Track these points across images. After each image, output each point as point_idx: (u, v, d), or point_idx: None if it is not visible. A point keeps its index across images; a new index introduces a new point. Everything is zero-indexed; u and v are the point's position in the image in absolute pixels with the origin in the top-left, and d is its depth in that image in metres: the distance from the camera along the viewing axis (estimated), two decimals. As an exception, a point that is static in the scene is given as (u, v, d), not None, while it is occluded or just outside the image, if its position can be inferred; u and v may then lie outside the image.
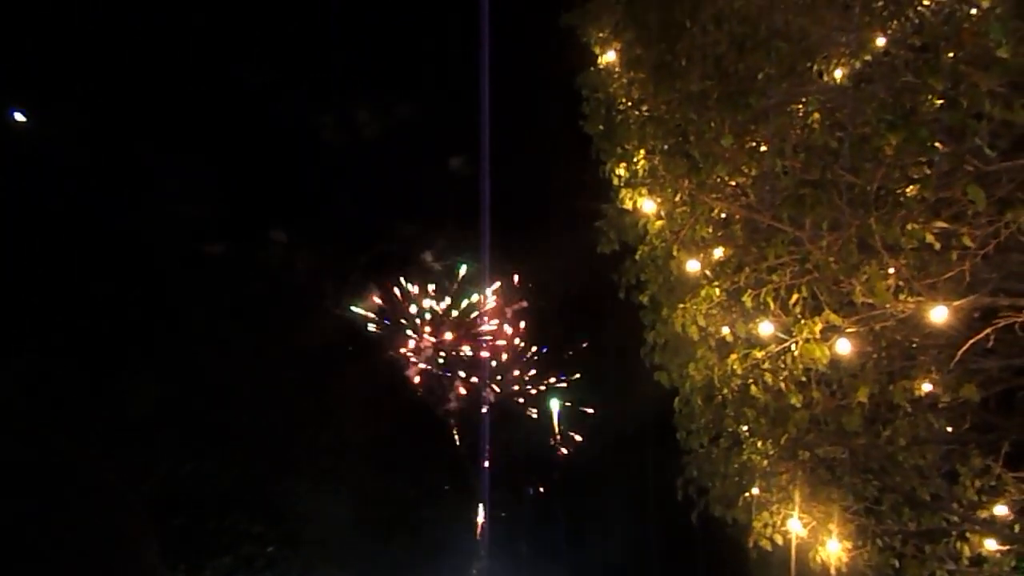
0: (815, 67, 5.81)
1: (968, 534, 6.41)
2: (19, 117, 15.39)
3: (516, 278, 22.99)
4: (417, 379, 21.98)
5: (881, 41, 5.34)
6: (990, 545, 6.31)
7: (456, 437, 20.26)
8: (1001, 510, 6.42)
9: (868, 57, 5.52)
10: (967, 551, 6.38)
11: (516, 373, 22.93)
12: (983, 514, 6.46)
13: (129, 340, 13.97)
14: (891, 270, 4.79)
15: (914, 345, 5.99)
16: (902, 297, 4.96)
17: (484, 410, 21.03)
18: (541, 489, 21.42)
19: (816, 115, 5.48)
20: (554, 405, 22.50)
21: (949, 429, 6.61)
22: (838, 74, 5.87)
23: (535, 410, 22.70)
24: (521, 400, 22.71)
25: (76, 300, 13.79)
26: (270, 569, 13.88)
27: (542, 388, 22.74)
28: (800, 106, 5.63)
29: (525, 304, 22.91)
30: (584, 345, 22.24)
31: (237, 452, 13.97)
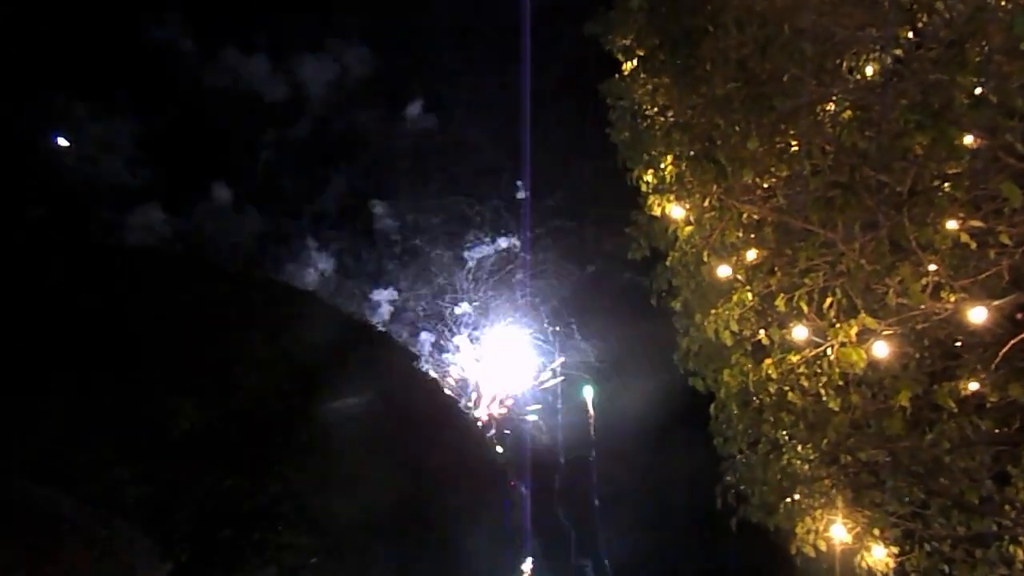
0: (845, 65, 5.72)
1: (1021, 538, 6.22)
2: (62, 142, 15.89)
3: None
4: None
5: (912, 35, 5.24)
6: (1044, 548, 6.10)
7: (496, 448, 20.29)
8: (1055, 512, 6.21)
9: (899, 52, 5.42)
10: (1020, 555, 6.18)
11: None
12: (1036, 517, 6.26)
13: (167, 362, 14.32)
14: (932, 267, 4.68)
15: (958, 344, 5.84)
16: (943, 295, 4.85)
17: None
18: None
19: (847, 113, 5.40)
20: (587, 392, 22.30)
21: (998, 430, 6.42)
22: (869, 71, 5.77)
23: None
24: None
25: (114, 324, 14.19)
26: (314, 579, 14.07)
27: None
28: (831, 105, 5.55)
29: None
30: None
31: (278, 467, 14.21)
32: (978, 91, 3.57)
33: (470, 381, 22.66)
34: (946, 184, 4.26)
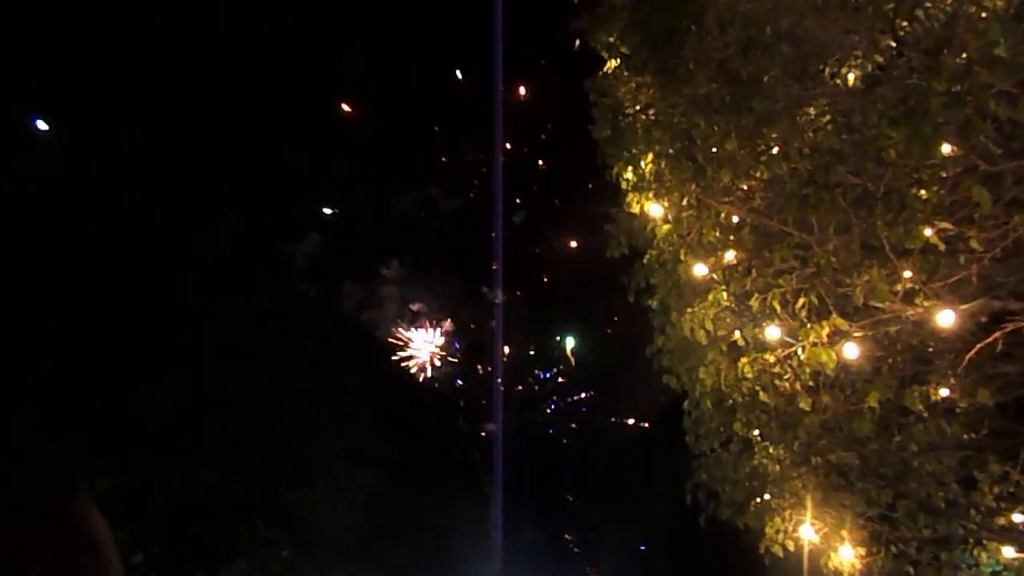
0: (827, 70, 5.79)
1: (985, 541, 6.33)
2: (41, 125, 15.53)
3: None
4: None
5: (893, 44, 5.31)
6: (1008, 552, 6.21)
7: (470, 443, 20.28)
8: (1019, 517, 6.32)
9: (880, 59, 5.49)
10: (984, 558, 6.30)
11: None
12: (1001, 521, 6.36)
13: (141, 352, 14.13)
14: (907, 274, 4.75)
15: (930, 349, 5.93)
16: (918, 301, 4.92)
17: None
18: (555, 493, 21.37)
19: (826, 118, 5.45)
20: (569, 342, 22.67)
21: (966, 435, 6.52)
22: (851, 77, 5.84)
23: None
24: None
25: (89, 314, 13.97)
26: (286, 573, 13.97)
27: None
28: (811, 109, 5.61)
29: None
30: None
31: (251, 460, 14.09)
32: (954, 90, 3.63)
33: (403, 338, 22.24)
34: (921, 189, 4.32)
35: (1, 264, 13.51)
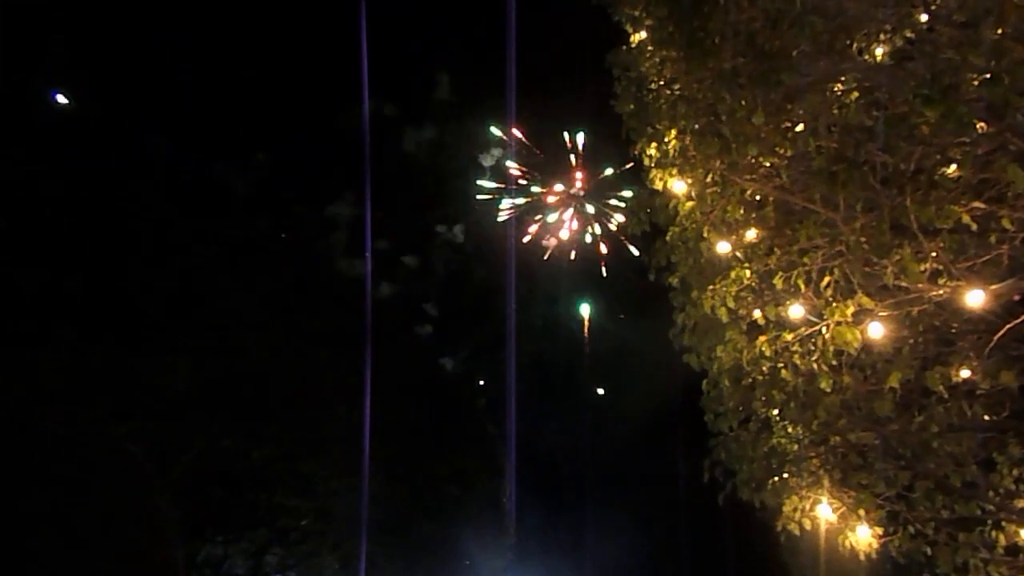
0: (855, 45, 5.67)
1: (1004, 523, 6.29)
2: (60, 99, 15.53)
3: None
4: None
5: (924, 17, 5.19)
6: (1026, 535, 6.18)
7: (486, 417, 20.36)
8: (1039, 500, 6.29)
9: (910, 34, 5.36)
10: (1002, 540, 6.26)
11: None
12: (1020, 503, 6.33)
13: (165, 322, 14.27)
14: (933, 254, 4.68)
15: (953, 330, 5.87)
16: (941, 281, 4.86)
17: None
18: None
19: (854, 94, 5.36)
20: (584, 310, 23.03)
21: (987, 417, 6.47)
22: (879, 52, 5.71)
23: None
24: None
25: (113, 282, 14.11)
26: (304, 542, 14.23)
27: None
28: (838, 85, 5.50)
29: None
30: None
31: (272, 430, 14.27)
32: (991, 67, 3.54)
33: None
34: (951, 166, 4.24)
35: (25, 236, 13.67)
